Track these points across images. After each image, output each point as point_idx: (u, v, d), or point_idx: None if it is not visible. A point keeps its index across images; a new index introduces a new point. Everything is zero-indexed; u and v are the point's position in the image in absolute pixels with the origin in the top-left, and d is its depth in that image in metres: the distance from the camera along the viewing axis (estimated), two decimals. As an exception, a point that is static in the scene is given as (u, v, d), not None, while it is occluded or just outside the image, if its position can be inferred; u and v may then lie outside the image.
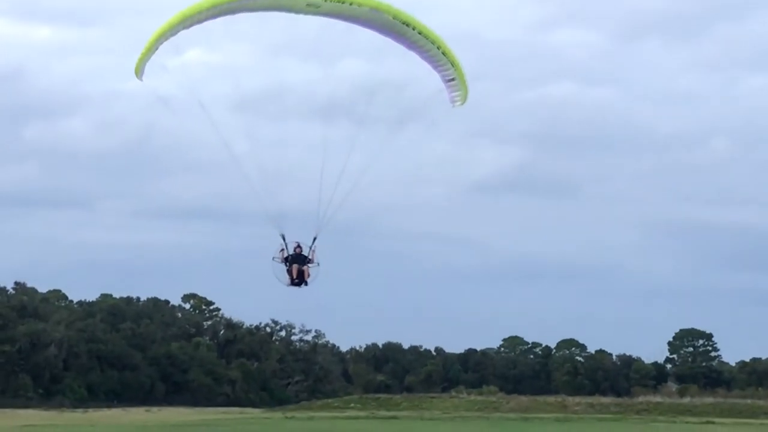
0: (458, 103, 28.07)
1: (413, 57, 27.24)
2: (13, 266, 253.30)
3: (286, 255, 32.57)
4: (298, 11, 24.90)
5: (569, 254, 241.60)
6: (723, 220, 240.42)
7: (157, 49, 24.40)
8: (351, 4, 24.44)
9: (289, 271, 32.49)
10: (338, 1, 24.34)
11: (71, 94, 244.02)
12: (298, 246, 32.76)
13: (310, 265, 32.83)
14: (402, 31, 25.57)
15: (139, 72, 24.88)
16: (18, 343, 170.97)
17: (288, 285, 33.04)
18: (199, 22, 24.13)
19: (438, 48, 26.34)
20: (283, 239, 32.37)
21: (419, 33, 25.76)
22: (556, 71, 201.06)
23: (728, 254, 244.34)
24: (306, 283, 33.13)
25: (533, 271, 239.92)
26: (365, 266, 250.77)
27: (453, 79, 27.19)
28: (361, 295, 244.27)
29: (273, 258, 32.69)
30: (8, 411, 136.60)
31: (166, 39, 24.21)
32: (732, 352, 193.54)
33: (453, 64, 26.70)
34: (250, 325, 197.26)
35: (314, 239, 32.12)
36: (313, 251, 32.48)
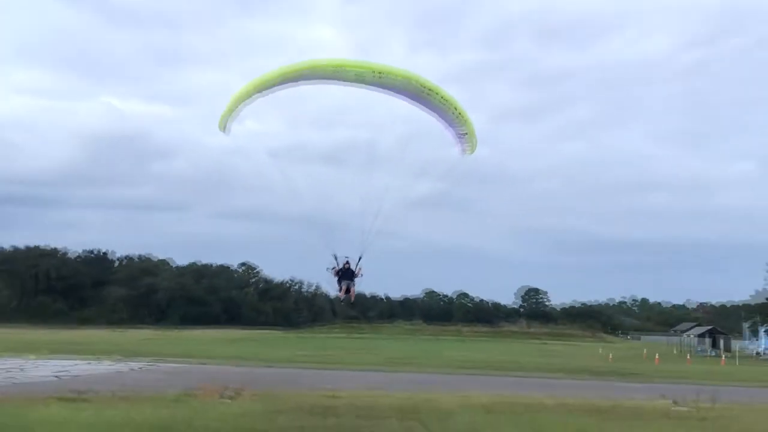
0: (468, 152, 25.52)
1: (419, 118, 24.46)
2: (139, 244, 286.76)
3: (337, 269, 28.38)
4: (348, 82, 22.89)
5: (467, 243, 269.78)
6: (554, 225, 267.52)
7: (235, 109, 22.86)
8: (389, 75, 22.61)
9: (340, 287, 28.29)
10: (379, 73, 22.49)
11: (176, 145, 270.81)
12: (347, 262, 28.51)
13: (356, 279, 28.60)
14: (427, 96, 23.17)
15: (222, 127, 23.34)
16: (141, 289, 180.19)
17: (337, 294, 29.30)
18: (270, 89, 22.45)
19: (455, 109, 23.99)
20: (335, 258, 28.47)
21: (441, 98, 23.45)
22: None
23: (556, 244, 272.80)
24: (351, 301, 31.23)
25: (444, 251, 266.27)
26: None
27: (466, 134, 24.71)
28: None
29: (327, 269, 28.74)
30: (134, 330, 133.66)
31: (243, 102, 22.66)
32: (557, 300, 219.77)
33: (466, 121, 24.39)
34: (278, 281, 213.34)
35: (360, 258, 28.33)
36: (360, 268, 28.35)
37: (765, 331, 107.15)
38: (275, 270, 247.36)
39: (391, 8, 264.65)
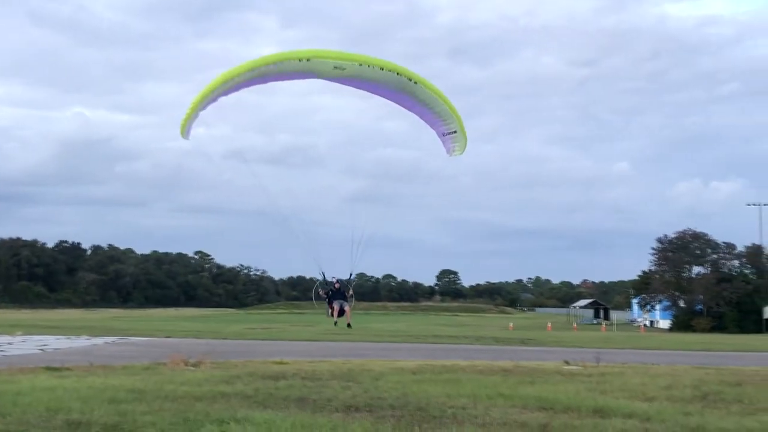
0: (457, 152, 20.37)
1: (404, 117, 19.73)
2: (107, 235, 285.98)
3: (326, 291, 25.56)
4: (326, 76, 18.19)
5: (393, 232, 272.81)
6: (467, 216, 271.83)
7: (197, 114, 18.06)
8: (370, 65, 17.84)
9: (332, 308, 25.50)
10: (359, 63, 17.76)
11: (138, 149, 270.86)
12: (338, 282, 25.72)
13: (348, 302, 25.80)
14: (413, 90, 18.53)
15: (184, 133, 18.54)
16: (109, 274, 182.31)
17: (329, 317, 26.29)
18: (236, 88, 17.76)
19: (445, 103, 19.12)
20: (323, 277, 25.34)
21: (429, 90, 18.74)
22: (384, 142, 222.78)
23: (468, 233, 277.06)
24: (348, 324, 27.46)
25: (373, 239, 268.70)
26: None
27: (455, 131, 19.67)
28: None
29: (315, 290, 26.15)
30: (104, 310, 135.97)
31: (205, 105, 17.85)
32: (468, 280, 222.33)
33: (456, 117, 19.40)
34: (228, 266, 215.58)
35: (350, 276, 25.46)
36: (350, 288, 25.60)
37: (637, 304, 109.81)
38: (226, 257, 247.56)
39: (323, 30, 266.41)
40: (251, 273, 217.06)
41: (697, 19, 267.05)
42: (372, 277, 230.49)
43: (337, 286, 25.93)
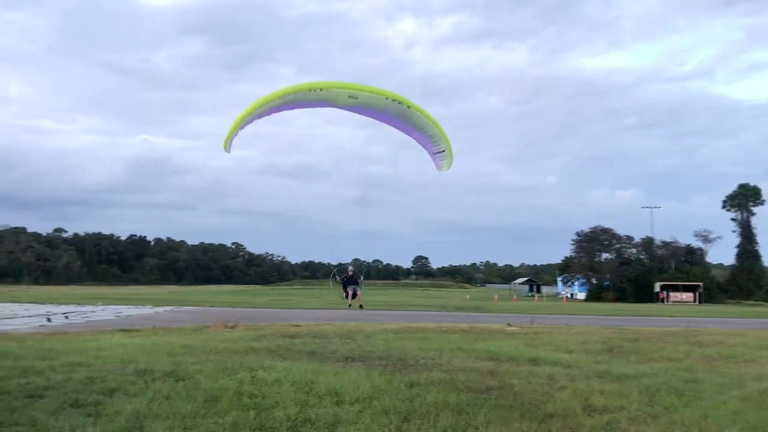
0: (444, 168, 18.42)
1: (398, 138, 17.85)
2: (166, 230, 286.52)
3: (343, 278, 24.24)
4: (341, 105, 16.37)
5: (379, 228, 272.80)
6: (435, 216, 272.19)
7: (237, 133, 16.06)
8: (377, 95, 16.13)
9: (346, 292, 24.37)
10: (369, 93, 16.04)
11: (187, 166, 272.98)
12: (352, 270, 24.27)
13: (360, 287, 24.60)
14: (411, 117, 16.84)
15: (226, 147, 16.22)
16: (168, 260, 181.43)
17: (344, 299, 25.15)
18: (268, 112, 15.96)
19: (435, 127, 17.28)
20: (339, 266, 23.89)
21: (425, 118, 17.02)
22: (370, 161, 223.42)
23: (435, 228, 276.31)
24: (361, 305, 25.62)
25: (365, 233, 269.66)
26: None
27: (443, 151, 17.76)
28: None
29: (333, 275, 24.47)
30: (162, 287, 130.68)
31: (244, 125, 15.99)
32: (436, 263, 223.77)
33: (445, 138, 17.54)
34: (257, 253, 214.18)
35: (364, 264, 24.00)
36: (362, 276, 24.32)
37: (561, 281, 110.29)
38: (255, 246, 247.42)
39: (327, 77, 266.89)
40: (274, 258, 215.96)
41: (606, 69, 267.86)
42: (365, 261, 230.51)
43: (350, 273, 24.70)
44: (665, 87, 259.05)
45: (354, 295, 24.44)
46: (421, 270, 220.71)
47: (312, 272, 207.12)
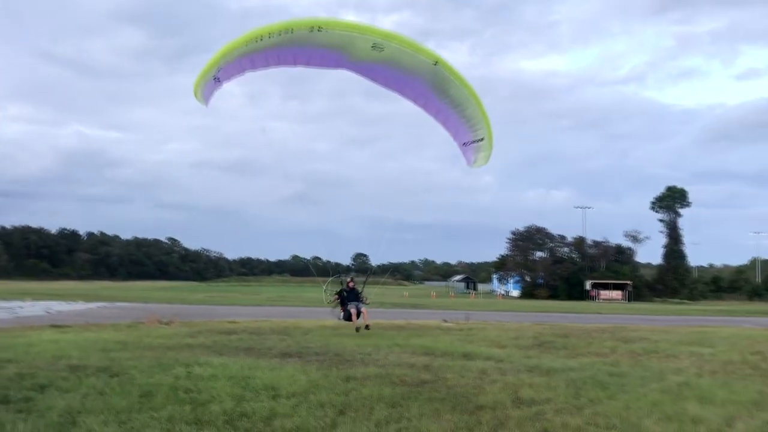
0: (480, 162, 13.91)
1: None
2: (99, 225, 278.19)
3: (341, 293, 19.44)
4: (356, 61, 11.85)
5: (321, 224, 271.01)
6: (376, 214, 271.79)
7: (214, 76, 11.61)
8: (411, 49, 11.79)
9: (345, 310, 19.17)
10: (399, 44, 11.66)
11: (123, 158, 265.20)
12: (351, 280, 19.80)
13: (364, 304, 19.56)
14: (446, 87, 12.53)
15: (197, 95, 11.93)
16: (100, 254, 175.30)
17: (340, 320, 19.61)
18: (263, 59, 11.39)
19: (476, 104, 12.94)
20: (339, 276, 19.80)
21: (466, 91, 12.68)
22: (313, 158, 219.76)
23: (376, 225, 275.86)
24: (368, 327, 19.24)
25: (307, 230, 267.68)
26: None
27: (482, 139, 13.35)
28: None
29: (325, 291, 19.77)
30: (94, 282, 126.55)
31: (225, 68, 11.51)
32: (376, 260, 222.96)
33: (486, 121, 13.20)
34: (193, 249, 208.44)
35: (366, 278, 20.21)
36: (364, 292, 19.66)
37: (496, 278, 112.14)
38: (192, 242, 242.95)
39: (270, 72, 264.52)
40: (211, 254, 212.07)
41: (543, 72, 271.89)
42: (304, 258, 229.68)
43: (351, 285, 19.82)
44: (600, 90, 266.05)
45: (358, 314, 19.42)
46: (362, 267, 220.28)
47: (249, 269, 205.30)
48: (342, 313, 19.58)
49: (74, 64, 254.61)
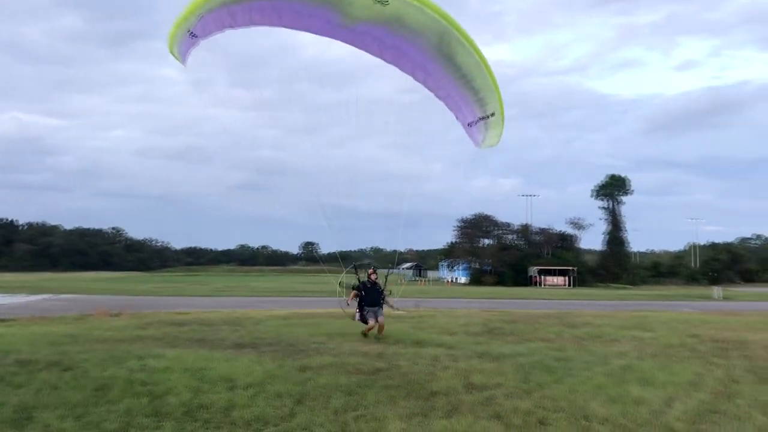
0: (492, 141, 11.71)
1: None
2: (39, 214, 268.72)
3: (358, 288, 15.76)
4: (352, 22, 10.15)
5: (270, 213, 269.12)
6: (327, 202, 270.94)
7: (192, 28, 10.05)
8: (419, 3, 9.99)
9: (362, 316, 15.63)
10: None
11: (63, 146, 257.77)
12: (374, 272, 16.19)
13: (385, 302, 15.92)
14: (454, 53, 10.61)
15: (171, 49, 10.37)
16: (41, 245, 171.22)
17: (356, 320, 16.01)
18: (240, 2, 9.65)
19: (488, 74, 10.97)
20: (355, 270, 16.13)
21: (476, 56, 10.73)
22: (261, 145, 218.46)
23: (328, 214, 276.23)
24: (380, 335, 15.62)
25: (254, 218, 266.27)
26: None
27: (492, 114, 11.30)
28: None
29: (341, 284, 16.40)
30: (36, 273, 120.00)
31: (199, 20, 9.89)
32: (325, 249, 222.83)
33: (497, 93, 11.22)
34: (138, 238, 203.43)
35: (393, 267, 17.67)
36: (389, 291, 15.98)
37: (445, 265, 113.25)
38: (137, 231, 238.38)
39: (215, 58, 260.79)
40: (156, 244, 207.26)
41: (490, 61, 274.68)
42: (251, 246, 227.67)
43: (374, 278, 16.11)
44: (544, 80, 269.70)
45: (375, 321, 15.75)
46: (310, 256, 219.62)
47: (196, 258, 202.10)
48: (357, 314, 16.12)
49: (11, 48, 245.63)
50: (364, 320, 15.93)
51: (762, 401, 9.42)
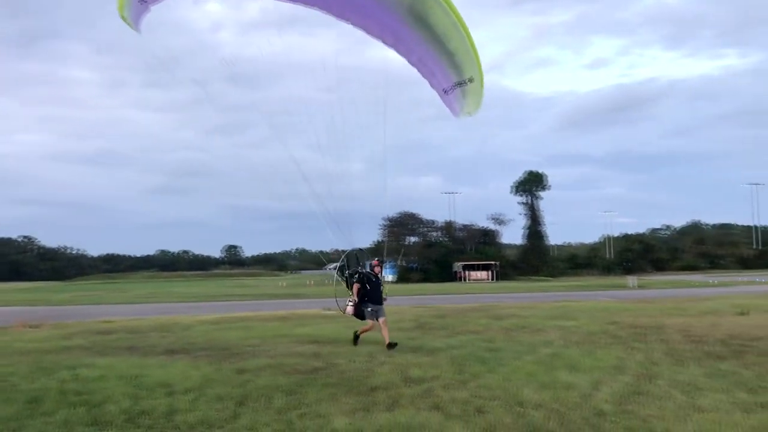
0: (471, 109, 11.04)
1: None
2: None
3: (361, 277, 13.76)
4: None
5: (189, 215, 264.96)
6: (247, 203, 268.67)
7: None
8: None
9: (361, 312, 13.79)
10: None
11: None
12: (379, 263, 14.44)
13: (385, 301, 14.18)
14: (427, 13, 9.45)
15: (126, 19, 9.99)
16: None
17: (347, 313, 14.15)
18: None
19: (465, 35, 9.80)
20: (357, 261, 14.13)
21: (453, 17, 9.56)
22: (179, 147, 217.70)
23: (248, 215, 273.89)
24: (391, 344, 13.40)
25: (174, 222, 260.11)
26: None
27: (471, 79, 10.31)
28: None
29: (341, 274, 14.19)
30: None
31: None
32: (249, 251, 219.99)
33: (476, 56, 10.09)
34: (51, 246, 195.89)
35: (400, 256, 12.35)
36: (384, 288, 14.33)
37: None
38: (49, 239, 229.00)
39: (127, 58, 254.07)
40: (71, 251, 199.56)
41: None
42: (172, 251, 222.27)
43: (377, 270, 14.41)
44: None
45: (375, 321, 13.98)
46: (233, 259, 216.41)
47: (114, 265, 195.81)
48: (351, 305, 14.05)
49: None
50: (360, 315, 13.89)
51: (680, 381, 10.06)
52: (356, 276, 14.04)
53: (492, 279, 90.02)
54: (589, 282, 73.68)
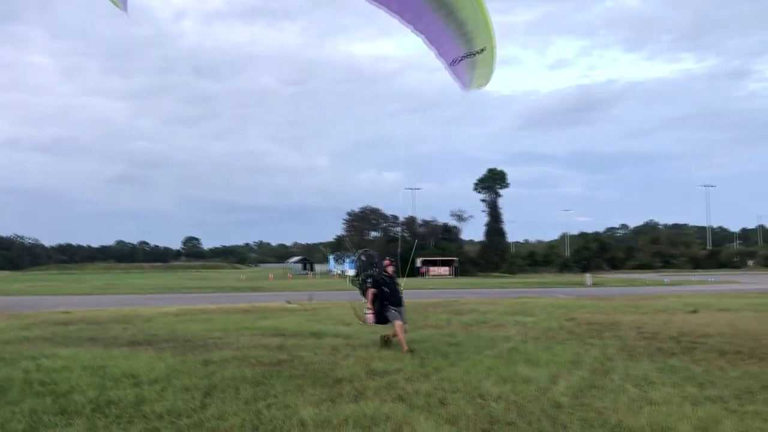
0: (480, 82, 10.23)
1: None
2: None
3: (378, 278, 12.68)
4: None
5: (146, 207, 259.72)
6: (206, 195, 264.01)
7: None
8: None
9: (382, 316, 12.62)
10: None
11: None
12: (392, 264, 13.09)
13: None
14: None
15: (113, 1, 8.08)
16: None
17: (366, 322, 12.86)
18: None
19: (477, 4, 8.94)
20: (372, 263, 13.31)
21: None
22: (138, 136, 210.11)
23: (208, 207, 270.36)
24: (411, 350, 12.32)
25: (130, 212, 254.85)
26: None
27: (482, 50, 9.44)
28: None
29: (366, 312, 12.66)
30: None
31: None
32: (208, 244, 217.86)
33: (488, 27, 9.26)
34: (4, 235, 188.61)
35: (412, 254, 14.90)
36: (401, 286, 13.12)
37: (333, 259, 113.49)
38: (2, 228, 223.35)
39: (87, 45, 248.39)
40: (25, 241, 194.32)
41: (373, 56, 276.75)
42: (130, 243, 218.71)
43: (390, 270, 13.05)
44: (426, 76, 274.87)
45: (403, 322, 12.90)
46: (193, 251, 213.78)
47: (70, 255, 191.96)
48: (370, 314, 12.86)
49: None
50: (383, 321, 12.78)
51: (633, 375, 10.47)
52: (369, 280, 12.74)
53: (452, 275, 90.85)
54: (547, 279, 74.90)
